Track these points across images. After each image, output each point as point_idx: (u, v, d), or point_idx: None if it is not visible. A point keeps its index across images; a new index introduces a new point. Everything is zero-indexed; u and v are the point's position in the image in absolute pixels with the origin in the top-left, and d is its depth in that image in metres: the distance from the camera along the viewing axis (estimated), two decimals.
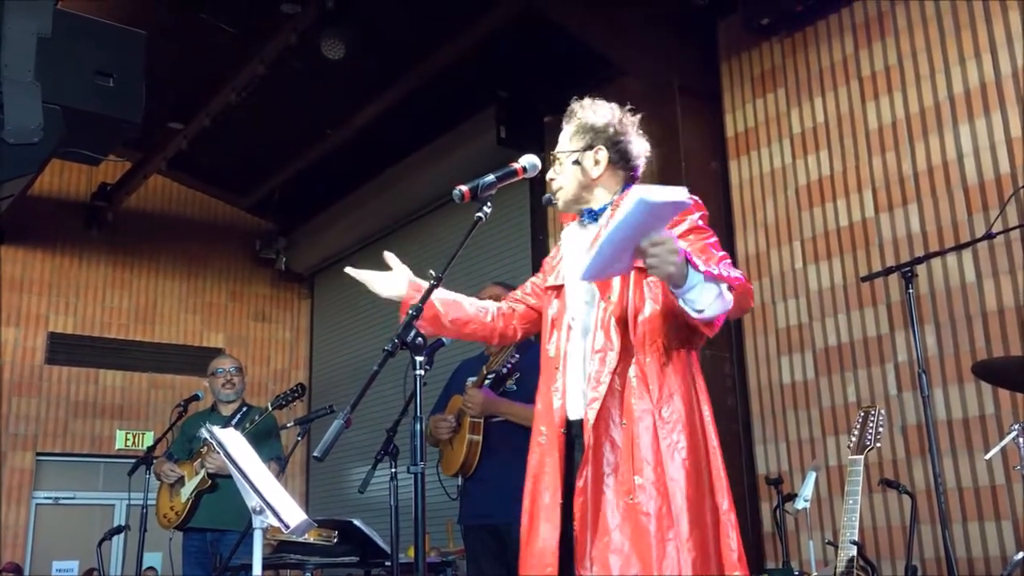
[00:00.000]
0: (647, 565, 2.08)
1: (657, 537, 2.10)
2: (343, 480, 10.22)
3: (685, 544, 2.11)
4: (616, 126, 2.46)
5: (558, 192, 2.49)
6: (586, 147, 2.45)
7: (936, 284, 5.23)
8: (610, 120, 2.47)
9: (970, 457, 4.94)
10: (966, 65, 5.28)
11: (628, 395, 2.22)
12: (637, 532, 2.11)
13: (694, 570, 2.10)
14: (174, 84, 8.08)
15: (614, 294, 2.30)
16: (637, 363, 2.24)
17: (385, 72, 8.00)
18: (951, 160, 5.29)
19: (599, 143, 2.45)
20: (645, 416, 2.20)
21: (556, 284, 2.50)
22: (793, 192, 6.13)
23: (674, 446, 2.18)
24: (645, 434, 2.18)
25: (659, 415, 2.20)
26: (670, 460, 2.17)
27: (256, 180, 10.47)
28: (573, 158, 2.45)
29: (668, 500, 2.13)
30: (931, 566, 4.99)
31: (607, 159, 2.45)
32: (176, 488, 4.88)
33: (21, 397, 9.74)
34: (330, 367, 11.11)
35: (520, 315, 2.65)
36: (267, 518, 2.68)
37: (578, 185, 2.46)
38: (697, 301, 2.04)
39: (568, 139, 2.49)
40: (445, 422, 3.83)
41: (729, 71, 6.67)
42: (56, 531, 9.76)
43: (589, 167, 2.44)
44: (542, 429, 2.38)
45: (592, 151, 2.45)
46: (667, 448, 2.18)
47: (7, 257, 9.95)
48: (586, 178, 2.45)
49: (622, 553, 2.10)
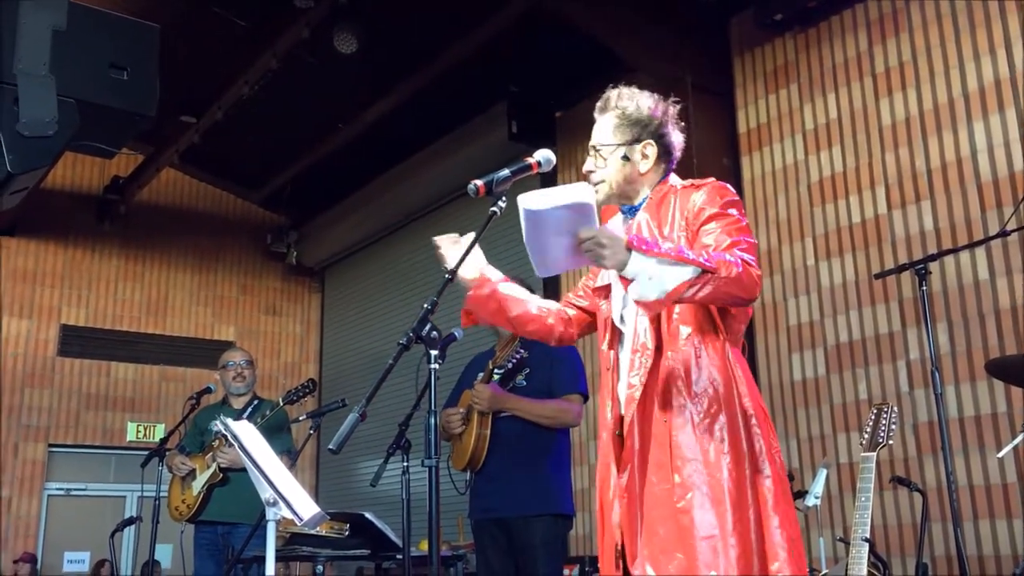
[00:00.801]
0: (692, 563, 2.07)
1: (699, 535, 2.09)
2: (353, 474, 10.24)
3: (729, 541, 2.08)
4: (660, 118, 2.42)
5: (599, 185, 2.40)
6: (633, 140, 2.40)
7: (949, 281, 5.21)
8: (655, 112, 2.42)
9: (982, 455, 4.93)
10: (980, 61, 5.26)
11: (665, 392, 2.21)
12: (680, 531, 2.10)
13: (738, 567, 2.07)
14: (187, 78, 8.10)
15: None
16: (672, 359, 2.23)
17: (397, 67, 8.01)
18: (965, 157, 5.27)
19: (646, 137, 2.40)
20: (682, 412, 2.18)
21: (603, 285, 2.46)
22: (805, 188, 6.11)
23: (714, 441, 2.15)
24: (683, 430, 2.17)
25: (696, 411, 2.18)
26: (710, 456, 2.14)
27: (268, 174, 10.50)
28: (621, 152, 2.39)
29: (709, 497, 2.11)
30: (942, 564, 4.98)
31: (655, 154, 2.41)
32: (188, 481, 4.90)
33: (34, 388, 9.80)
34: (340, 361, 11.13)
35: (575, 319, 2.58)
36: (280, 510, 2.69)
37: (624, 180, 2.40)
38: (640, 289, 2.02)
39: (611, 131, 2.41)
40: (457, 415, 3.84)
41: (741, 67, 6.66)
42: (68, 522, 9.82)
43: (637, 161, 2.40)
44: (602, 432, 2.37)
45: (640, 145, 2.40)
46: (706, 443, 2.15)
47: (20, 249, 10.00)
48: (633, 173, 2.40)
49: (667, 552, 2.10)
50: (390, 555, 4.20)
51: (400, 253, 10.13)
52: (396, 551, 4.08)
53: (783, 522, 2.15)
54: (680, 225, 2.30)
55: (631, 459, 2.21)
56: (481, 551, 3.82)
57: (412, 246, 9.91)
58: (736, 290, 2.07)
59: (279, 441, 4.53)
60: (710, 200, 2.29)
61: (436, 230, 8.85)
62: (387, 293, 10.24)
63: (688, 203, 2.31)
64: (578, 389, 3.85)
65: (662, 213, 2.34)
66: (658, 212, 2.35)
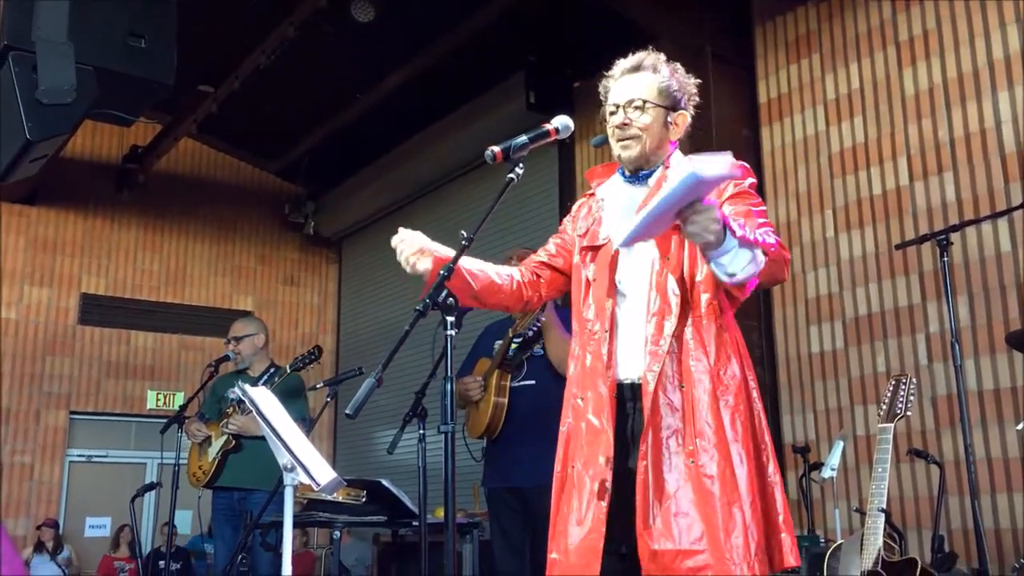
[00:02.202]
0: (713, 528, 2.07)
1: (722, 501, 2.09)
2: (370, 442, 10.32)
3: (748, 507, 2.12)
4: (691, 95, 2.46)
5: (634, 140, 2.37)
6: (671, 107, 2.40)
7: (970, 253, 5.16)
8: (688, 87, 2.45)
9: (1000, 428, 4.90)
10: (1006, 30, 5.17)
11: (686, 358, 2.20)
12: (701, 496, 2.10)
13: (759, 532, 2.12)
14: (204, 47, 8.08)
15: (671, 254, 2.27)
16: (694, 325, 2.22)
17: (415, 36, 7.96)
18: (989, 127, 5.20)
19: (681, 108, 2.42)
20: (704, 379, 2.18)
21: (596, 244, 2.42)
22: (826, 159, 6.05)
23: (733, 408, 2.18)
24: (704, 397, 2.17)
25: (717, 377, 2.19)
26: (730, 423, 2.16)
27: (285, 144, 10.50)
28: (664, 114, 2.39)
29: (730, 463, 2.13)
30: (958, 537, 4.97)
31: (684, 126, 2.44)
32: (204, 448, 4.95)
33: (55, 357, 9.90)
34: (357, 330, 11.18)
35: (547, 281, 2.54)
36: (298, 476, 2.71)
37: (658, 141, 2.39)
38: (729, 265, 2.01)
39: (655, 91, 2.39)
40: (475, 383, 3.85)
41: (763, 36, 6.58)
42: (89, 488, 9.96)
43: (671, 128, 2.41)
44: (576, 391, 2.34)
45: (676, 113, 2.41)
46: (726, 410, 2.17)
47: (40, 219, 10.07)
48: (664, 138, 2.41)
49: (687, 517, 2.10)
50: (406, 522, 4.23)
51: (418, 223, 9.90)
52: (412, 518, 4.11)
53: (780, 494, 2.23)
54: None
55: (648, 424, 2.17)
56: (496, 519, 3.84)
57: (430, 216, 9.90)
58: (777, 272, 2.14)
59: (294, 407, 4.55)
60: (742, 181, 2.32)
61: (454, 200, 8.86)
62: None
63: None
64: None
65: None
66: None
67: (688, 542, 2.08)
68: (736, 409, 2.18)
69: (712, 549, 2.06)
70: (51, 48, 4.45)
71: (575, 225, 2.55)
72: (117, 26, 4.72)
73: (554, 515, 2.31)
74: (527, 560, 3.71)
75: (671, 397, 2.19)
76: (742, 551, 2.07)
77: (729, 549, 2.06)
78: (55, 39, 4.48)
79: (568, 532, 2.23)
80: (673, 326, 2.21)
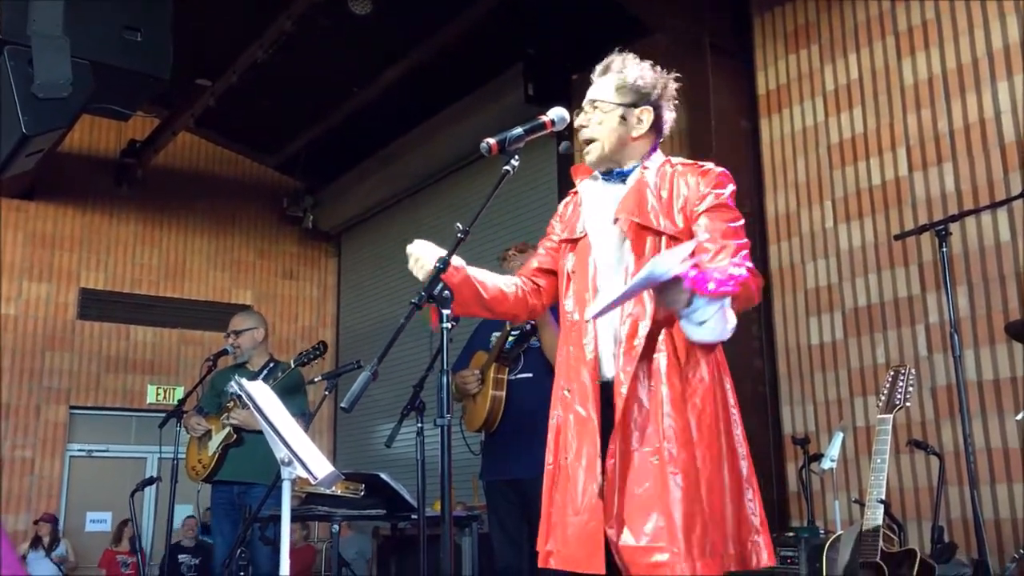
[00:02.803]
0: (672, 526, 2.09)
1: (685, 499, 2.10)
2: (371, 437, 10.32)
3: (711, 506, 2.14)
4: (660, 90, 2.43)
5: (591, 144, 2.41)
6: (631, 104, 2.40)
7: (970, 243, 5.15)
8: (656, 83, 2.43)
9: (1000, 419, 4.90)
10: (1006, 20, 5.15)
11: (658, 359, 2.22)
12: (664, 494, 2.12)
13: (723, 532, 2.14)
14: (201, 41, 8.07)
15: (646, 256, 2.27)
16: (667, 330, 2.23)
17: (412, 29, 7.94)
18: (988, 117, 5.18)
19: (644, 104, 2.41)
20: (673, 381, 2.20)
21: (574, 237, 2.45)
22: (825, 150, 6.04)
23: (700, 410, 2.19)
24: (671, 399, 2.19)
25: (686, 379, 2.21)
26: (696, 424, 2.18)
27: (283, 138, 10.49)
28: (620, 112, 2.40)
29: (693, 463, 2.15)
30: (958, 527, 4.97)
31: (650, 121, 2.41)
32: (204, 442, 4.94)
33: (54, 351, 9.90)
34: (357, 324, 11.18)
35: (546, 287, 2.56)
36: (295, 469, 2.70)
37: (618, 140, 2.39)
38: (698, 318, 1.99)
39: (612, 91, 2.41)
40: (472, 376, 3.85)
41: (761, 27, 6.55)
42: (90, 483, 9.97)
43: (632, 125, 2.40)
44: (563, 383, 2.36)
45: (637, 110, 2.40)
46: (692, 412, 2.19)
47: (38, 213, 10.06)
48: (626, 136, 2.40)
49: (648, 514, 2.12)
50: (405, 515, 4.23)
51: (416, 217, 10.12)
52: (411, 511, 4.11)
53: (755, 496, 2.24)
54: (679, 205, 2.31)
55: (619, 422, 2.20)
56: (494, 511, 3.84)
57: (428, 210, 9.90)
58: (746, 304, 2.11)
59: (294, 403, 4.55)
60: (715, 186, 2.30)
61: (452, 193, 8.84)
62: (404, 257, 10.04)
63: (688, 184, 2.32)
64: None
65: (661, 186, 2.35)
66: (671, 185, 2.35)
67: (647, 540, 2.11)
68: (703, 411, 2.19)
69: (670, 546, 2.07)
70: (47, 42, 4.44)
71: (558, 224, 2.57)
72: (113, 20, 4.71)
73: (547, 507, 2.32)
74: (525, 552, 3.71)
75: (641, 396, 2.21)
76: (700, 550, 2.08)
77: (689, 547, 2.07)
78: (51, 33, 4.47)
79: (567, 523, 2.24)
80: (647, 328, 2.22)
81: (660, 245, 2.27)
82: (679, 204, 2.31)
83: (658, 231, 2.29)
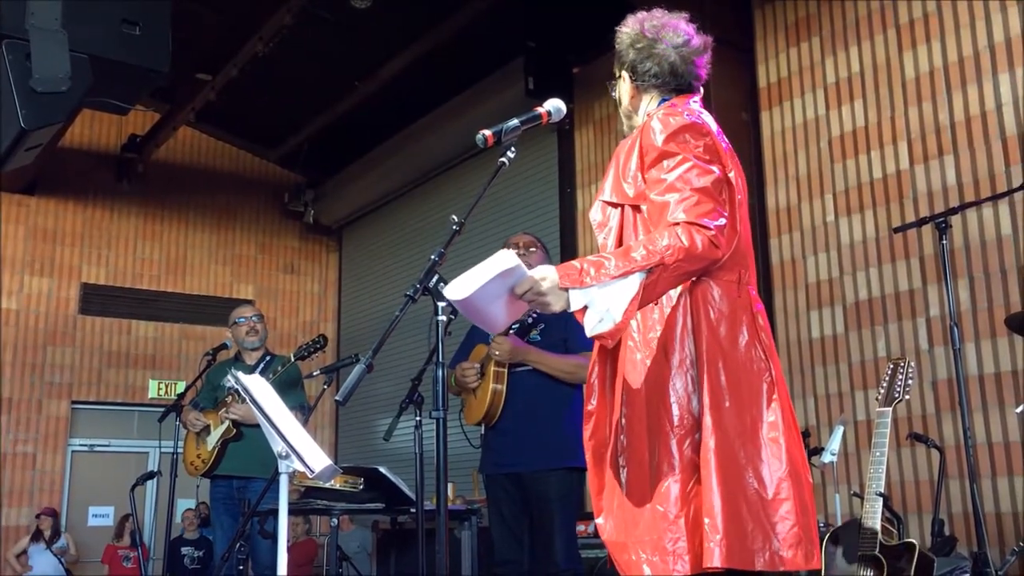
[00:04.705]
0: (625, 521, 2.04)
1: (624, 488, 2.06)
2: (372, 431, 10.32)
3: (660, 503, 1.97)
4: (636, 45, 2.28)
5: (625, 117, 2.41)
6: (622, 67, 2.36)
7: (971, 237, 5.13)
8: (631, 40, 2.30)
9: (1001, 412, 4.89)
10: (1007, 13, 5.13)
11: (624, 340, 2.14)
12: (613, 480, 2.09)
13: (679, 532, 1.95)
14: (202, 35, 8.06)
15: (610, 232, 2.21)
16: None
17: (413, 22, 7.92)
18: (989, 110, 5.16)
19: (620, 69, 2.38)
20: (629, 358, 2.11)
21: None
22: (826, 144, 6.02)
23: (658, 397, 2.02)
24: (630, 376, 2.09)
25: (639, 357, 2.08)
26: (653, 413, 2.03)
27: (284, 132, 10.48)
28: (614, 88, 2.42)
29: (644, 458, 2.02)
30: (958, 520, 4.96)
31: (630, 84, 2.33)
32: (202, 436, 4.93)
33: (56, 346, 9.91)
34: (358, 319, 11.18)
35: None
36: (293, 463, 2.70)
37: (624, 114, 2.41)
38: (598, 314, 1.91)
39: (616, 64, 2.41)
40: (472, 369, 3.82)
41: (762, 20, 6.53)
42: (92, 478, 9.98)
43: (623, 94, 2.38)
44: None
45: (617, 80, 2.40)
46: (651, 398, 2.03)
47: (40, 208, 10.06)
48: (626, 107, 2.39)
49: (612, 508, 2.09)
50: (404, 509, 4.23)
51: (417, 211, 10.11)
52: (410, 505, 4.11)
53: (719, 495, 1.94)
54: (636, 163, 2.16)
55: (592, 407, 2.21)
56: (494, 504, 3.83)
57: (429, 204, 9.88)
58: (689, 267, 1.94)
59: (292, 396, 4.55)
60: (656, 135, 2.10)
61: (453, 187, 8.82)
62: (405, 251, 10.25)
63: (642, 135, 2.17)
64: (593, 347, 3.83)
65: (631, 149, 2.21)
66: (630, 149, 2.22)
67: (606, 533, 2.09)
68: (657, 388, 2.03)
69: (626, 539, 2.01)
70: (45, 36, 4.44)
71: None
72: (111, 14, 4.70)
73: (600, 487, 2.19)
74: (526, 545, 3.71)
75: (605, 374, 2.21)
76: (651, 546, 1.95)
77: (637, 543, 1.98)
78: (49, 27, 4.46)
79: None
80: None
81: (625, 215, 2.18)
82: (636, 163, 2.16)
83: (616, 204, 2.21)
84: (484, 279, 1.90)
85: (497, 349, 3.70)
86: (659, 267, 1.88)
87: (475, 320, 2.02)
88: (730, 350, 2.03)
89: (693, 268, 1.96)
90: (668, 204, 2.00)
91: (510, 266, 1.92)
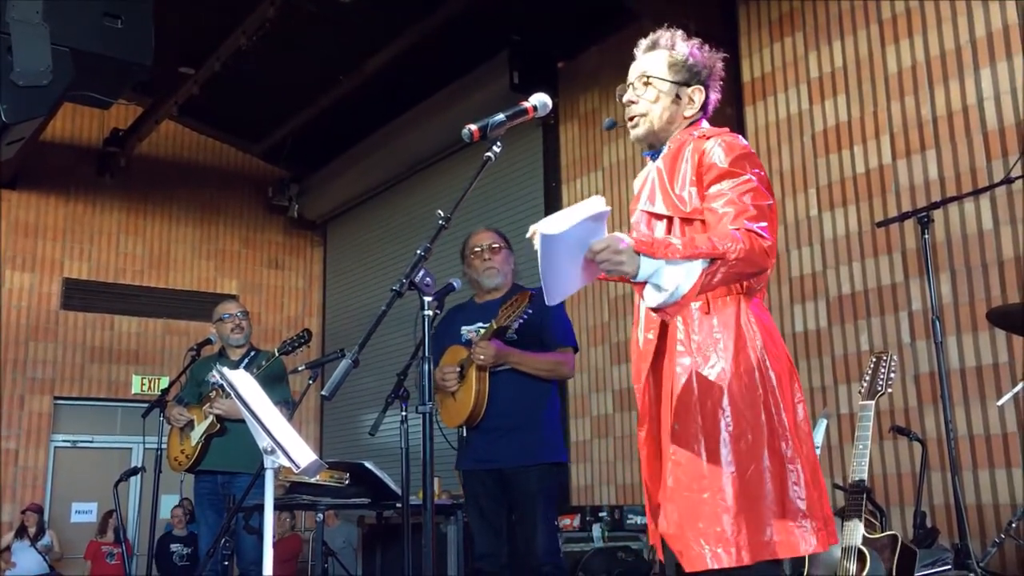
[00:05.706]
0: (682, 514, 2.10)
1: (692, 487, 2.09)
2: (357, 426, 10.31)
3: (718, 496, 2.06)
4: (711, 70, 2.38)
5: (640, 119, 2.35)
6: (684, 83, 2.35)
7: (952, 231, 5.17)
8: (707, 63, 2.38)
9: (982, 405, 4.93)
10: (988, 7, 5.16)
11: (672, 346, 2.19)
12: (677, 483, 2.11)
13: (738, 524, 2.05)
14: (184, 28, 8.01)
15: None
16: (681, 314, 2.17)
17: (397, 16, 7.90)
18: (971, 105, 5.20)
19: (696, 82, 2.36)
20: (686, 366, 2.15)
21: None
22: (809, 138, 6.05)
23: (713, 398, 2.11)
24: (684, 384, 2.14)
25: (700, 365, 2.14)
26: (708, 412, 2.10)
27: (268, 127, 10.43)
28: (675, 90, 2.34)
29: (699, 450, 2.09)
30: (940, 513, 5.01)
31: (700, 101, 2.36)
32: (186, 432, 4.91)
33: (38, 342, 9.84)
34: (343, 314, 11.15)
35: None
36: (278, 458, 2.69)
37: (668, 119, 2.34)
38: (662, 284, 1.95)
39: (665, 67, 2.35)
40: (452, 372, 3.81)
41: (746, 15, 6.55)
42: (75, 474, 9.93)
43: (684, 104, 2.35)
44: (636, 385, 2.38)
45: (690, 89, 2.35)
46: (704, 399, 2.11)
47: (21, 203, 9.99)
48: (677, 115, 2.35)
49: (672, 503, 2.12)
50: (390, 503, 4.23)
51: (402, 205, 10.09)
52: (396, 499, 4.11)
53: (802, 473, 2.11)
54: (691, 179, 2.22)
55: (647, 413, 2.23)
56: (473, 499, 3.83)
57: (414, 198, 9.86)
58: (745, 268, 2.03)
59: (277, 391, 4.54)
60: (720, 155, 2.19)
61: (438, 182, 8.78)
62: (390, 245, 10.23)
63: (700, 154, 2.22)
64: (570, 342, 3.87)
65: (677, 165, 2.27)
66: (673, 164, 2.28)
67: (666, 527, 2.13)
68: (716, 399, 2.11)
69: (687, 532, 2.07)
70: (26, 29, 4.39)
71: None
72: (92, 7, 4.65)
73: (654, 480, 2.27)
74: (504, 538, 3.72)
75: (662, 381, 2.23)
76: (715, 538, 2.03)
77: (700, 535, 2.05)
78: (29, 20, 4.41)
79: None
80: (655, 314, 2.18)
81: (673, 225, 2.23)
82: (690, 177, 2.22)
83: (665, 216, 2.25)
84: (576, 219, 1.91)
85: (482, 354, 3.70)
86: (721, 260, 1.98)
87: (548, 274, 1.99)
88: (780, 356, 2.20)
89: (747, 271, 2.06)
90: (729, 213, 2.10)
91: (601, 210, 1.94)
